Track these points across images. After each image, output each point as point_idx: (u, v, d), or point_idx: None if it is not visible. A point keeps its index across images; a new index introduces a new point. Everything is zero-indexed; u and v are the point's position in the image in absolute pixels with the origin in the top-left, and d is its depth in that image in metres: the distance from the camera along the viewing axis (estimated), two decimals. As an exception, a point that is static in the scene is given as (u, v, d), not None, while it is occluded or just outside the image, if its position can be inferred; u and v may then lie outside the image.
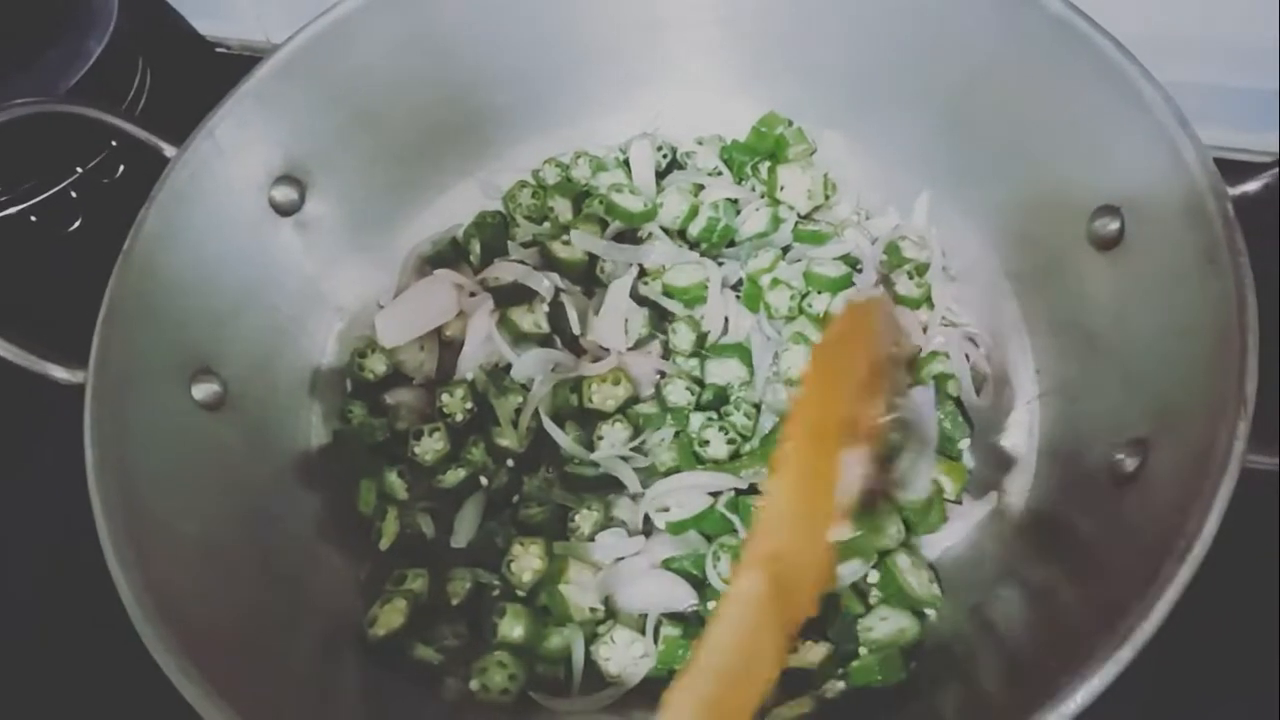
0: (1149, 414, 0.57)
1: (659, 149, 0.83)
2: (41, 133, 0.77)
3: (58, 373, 0.59)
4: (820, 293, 0.74)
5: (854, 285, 0.75)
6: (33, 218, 0.89)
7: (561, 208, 0.82)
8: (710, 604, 0.65)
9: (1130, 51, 0.59)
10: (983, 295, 0.74)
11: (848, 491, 0.51)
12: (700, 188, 0.81)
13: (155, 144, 0.66)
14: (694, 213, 0.79)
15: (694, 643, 0.63)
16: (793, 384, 0.71)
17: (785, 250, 0.78)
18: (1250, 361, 0.49)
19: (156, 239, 0.63)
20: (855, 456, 0.52)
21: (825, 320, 0.74)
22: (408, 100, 0.77)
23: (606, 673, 0.65)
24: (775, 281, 0.75)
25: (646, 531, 0.69)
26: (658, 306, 0.77)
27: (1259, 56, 0.78)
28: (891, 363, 0.61)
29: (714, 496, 0.68)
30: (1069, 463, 0.64)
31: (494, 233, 0.81)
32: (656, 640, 0.65)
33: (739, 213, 0.80)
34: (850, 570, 0.65)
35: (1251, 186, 0.56)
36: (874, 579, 0.65)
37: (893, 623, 0.64)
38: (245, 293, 0.70)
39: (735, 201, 0.80)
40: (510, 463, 0.72)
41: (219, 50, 1.08)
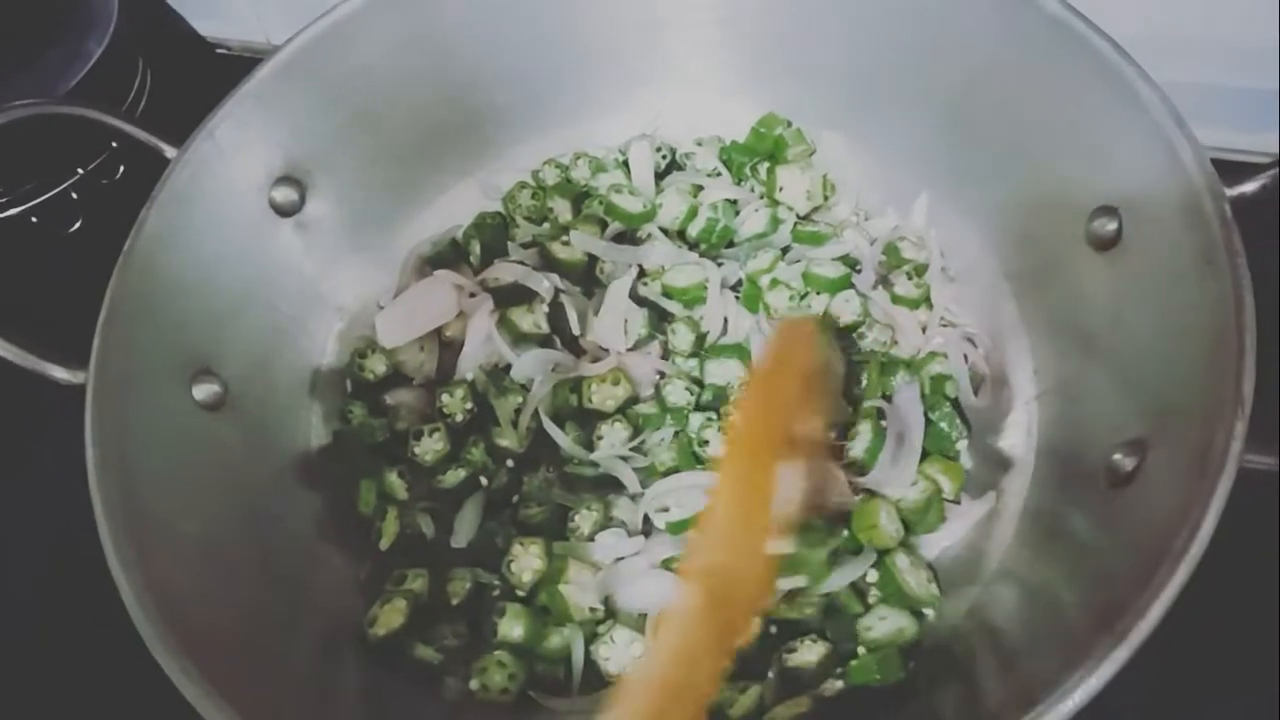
0: (1147, 414, 0.57)
1: (658, 150, 0.83)
2: (42, 134, 0.77)
3: (58, 373, 0.60)
4: (819, 293, 0.74)
5: (853, 286, 0.75)
6: (33, 219, 0.89)
7: (561, 208, 0.82)
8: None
9: (1127, 52, 0.59)
10: (981, 296, 0.74)
11: (786, 507, 0.51)
12: (699, 188, 0.81)
13: (155, 145, 0.66)
14: (693, 213, 0.79)
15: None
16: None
17: (784, 251, 0.78)
18: (1248, 362, 0.49)
19: (157, 240, 0.63)
20: (793, 472, 0.52)
21: (826, 322, 0.74)
22: (407, 101, 0.77)
23: (606, 673, 0.65)
24: (774, 282, 0.75)
25: (646, 531, 0.69)
26: (657, 307, 0.77)
27: (1259, 57, 0.78)
28: (825, 382, 0.61)
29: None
30: (1067, 463, 0.64)
31: (494, 233, 0.81)
32: (656, 640, 0.65)
33: (738, 213, 0.80)
34: (852, 569, 0.65)
35: (1249, 187, 0.56)
36: (873, 578, 0.66)
37: (891, 622, 0.64)
38: (245, 293, 0.71)
39: (734, 202, 0.80)
40: (510, 463, 0.72)
41: (219, 51, 1.08)
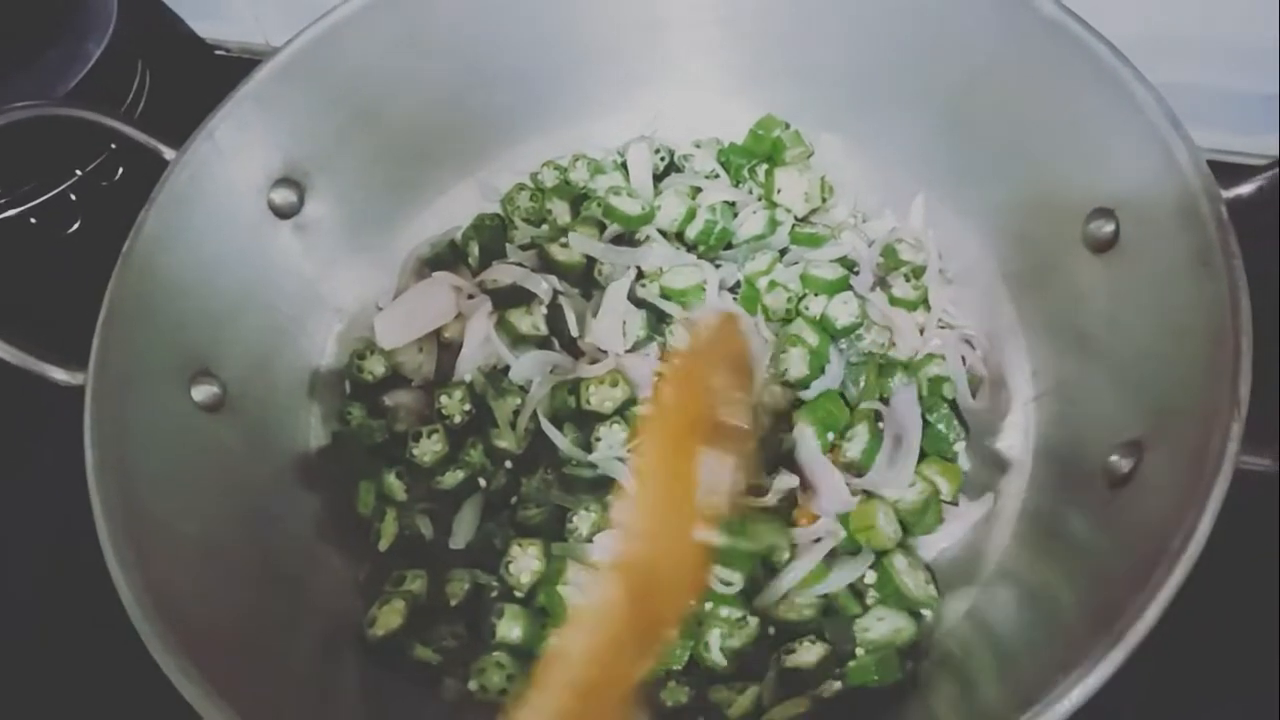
0: (1144, 416, 0.57)
1: (656, 152, 0.83)
2: (41, 135, 0.77)
3: (58, 374, 0.60)
4: (817, 295, 0.75)
5: (851, 288, 0.75)
6: (32, 220, 0.89)
7: (559, 210, 0.82)
8: (709, 605, 0.65)
9: (1123, 54, 0.59)
10: (979, 297, 0.74)
11: (715, 499, 0.50)
12: (698, 190, 0.81)
13: (154, 146, 0.66)
14: (691, 215, 0.80)
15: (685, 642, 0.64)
16: (792, 385, 0.72)
17: (782, 253, 0.78)
18: (1244, 363, 0.50)
19: (156, 241, 0.63)
20: (719, 464, 0.51)
21: (822, 323, 0.74)
22: (406, 102, 0.77)
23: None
24: (772, 284, 0.75)
25: (645, 532, 0.69)
26: (655, 309, 0.77)
27: (1258, 58, 0.78)
28: (746, 375, 0.60)
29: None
30: (1065, 464, 0.65)
31: (492, 235, 0.81)
32: (654, 641, 0.65)
33: (736, 215, 0.80)
34: (850, 570, 0.65)
35: (1246, 189, 0.56)
36: (871, 580, 0.66)
37: (889, 623, 0.64)
38: (244, 294, 0.71)
39: (732, 204, 0.80)
40: (508, 464, 0.73)
41: (218, 53, 1.08)
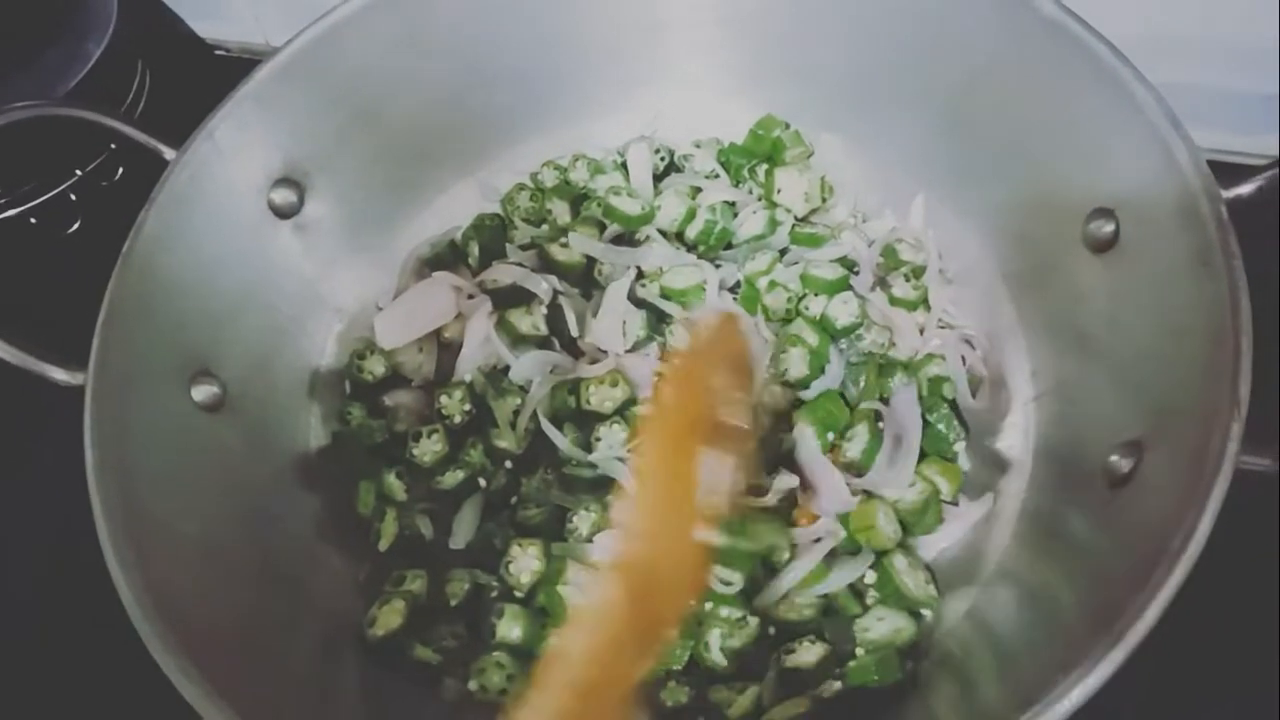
0: (1144, 416, 0.57)
1: (656, 152, 0.83)
2: (41, 135, 0.77)
3: (58, 374, 0.60)
4: (817, 295, 0.75)
5: (851, 288, 0.75)
6: (32, 220, 0.89)
7: (559, 210, 0.82)
8: (709, 605, 0.65)
9: (1123, 54, 0.59)
10: (979, 297, 0.74)
11: (715, 499, 0.50)
12: (698, 190, 0.81)
13: (154, 146, 0.66)
14: (691, 215, 0.80)
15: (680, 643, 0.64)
16: (792, 385, 0.72)
17: (782, 253, 0.78)
18: (1244, 363, 0.50)
19: (156, 241, 0.63)
20: (719, 464, 0.51)
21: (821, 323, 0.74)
22: (406, 102, 0.77)
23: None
24: (772, 284, 0.75)
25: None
26: (655, 309, 0.77)
27: (1258, 58, 0.78)
28: (745, 375, 0.60)
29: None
30: (1065, 464, 0.65)
31: (492, 235, 0.81)
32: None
33: (736, 215, 0.80)
34: (850, 570, 0.65)
35: (1246, 189, 0.56)
36: (871, 580, 0.66)
37: (889, 623, 0.64)
38: (244, 294, 0.71)
39: (732, 204, 0.80)
40: (508, 464, 0.73)
41: (218, 53, 1.08)
